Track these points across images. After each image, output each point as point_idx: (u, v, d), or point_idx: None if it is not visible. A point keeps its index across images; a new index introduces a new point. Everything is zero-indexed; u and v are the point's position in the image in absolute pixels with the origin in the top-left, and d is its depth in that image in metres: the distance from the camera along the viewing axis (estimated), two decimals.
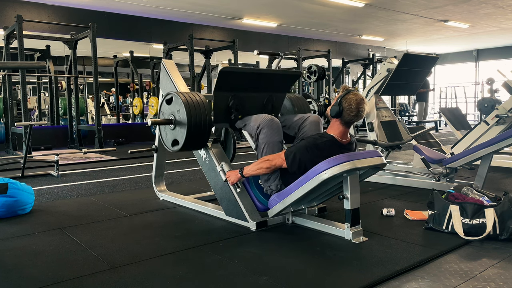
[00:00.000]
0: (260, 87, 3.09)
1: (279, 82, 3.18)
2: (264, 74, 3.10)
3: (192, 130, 2.78)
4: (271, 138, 2.77)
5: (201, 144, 2.95)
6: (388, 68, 4.31)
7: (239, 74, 2.98)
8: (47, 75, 8.88)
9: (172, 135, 2.93)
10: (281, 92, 3.25)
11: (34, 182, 4.42)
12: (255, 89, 3.07)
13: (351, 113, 2.52)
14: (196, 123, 2.79)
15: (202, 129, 2.83)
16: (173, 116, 2.88)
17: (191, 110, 2.78)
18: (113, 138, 8.64)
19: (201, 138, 2.88)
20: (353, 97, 2.52)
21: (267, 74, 3.12)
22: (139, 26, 10.29)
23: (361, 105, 2.52)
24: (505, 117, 4.72)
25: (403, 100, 15.29)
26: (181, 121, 2.82)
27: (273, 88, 3.17)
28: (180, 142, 2.85)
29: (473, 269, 2.04)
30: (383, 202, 3.41)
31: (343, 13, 10.52)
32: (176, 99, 2.86)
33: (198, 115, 2.80)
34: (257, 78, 3.07)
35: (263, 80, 3.09)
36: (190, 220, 3.01)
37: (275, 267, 2.10)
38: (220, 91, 2.90)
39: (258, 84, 3.06)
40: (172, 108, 2.89)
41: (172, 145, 2.95)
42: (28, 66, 6.54)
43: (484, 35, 14.06)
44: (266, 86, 3.12)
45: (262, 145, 2.78)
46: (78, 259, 2.25)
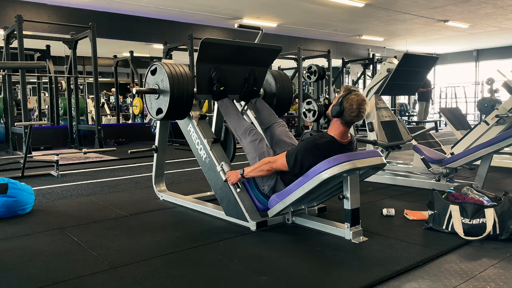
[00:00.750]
0: (242, 60, 3.17)
1: (261, 56, 3.24)
2: (245, 47, 3.13)
3: (175, 99, 2.90)
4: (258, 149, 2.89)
5: (184, 113, 3.06)
6: (388, 68, 4.31)
7: (220, 46, 3.02)
8: (47, 75, 8.87)
9: (157, 104, 3.04)
10: (263, 66, 3.31)
11: (34, 182, 4.42)
12: (237, 62, 3.14)
13: (352, 113, 2.52)
14: (179, 92, 2.91)
15: (185, 99, 2.95)
16: (157, 86, 3.00)
17: (174, 79, 2.89)
18: (113, 138, 8.64)
19: (183, 108, 3.00)
20: (355, 97, 2.52)
21: (248, 47, 3.15)
22: (139, 26, 10.28)
23: (362, 105, 2.52)
24: (505, 117, 4.72)
25: (403, 100, 15.29)
26: (164, 90, 2.93)
27: (255, 62, 3.24)
28: (164, 110, 2.96)
29: (473, 269, 2.04)
30: (383, 202, 3.41)
31: (343, 13, 10.51)
32: (160, 69, 2.97)
33: (181, 84, 2.92)
34: (238, 50, 3.10)
35: (244, 53, 3.14)
36: (190, 220, 3.01)
37: (275, 267, 2.10)
38: (202, 63, 2.98)
39: (239, 57, 3.13)
40: (156, 78, 3.00)
41: (157, 114, 3.06)
42: (28, 66, 6.54)
43: (484, 35, 14.05)
44: (248, 59, 3.19)
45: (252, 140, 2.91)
46: (78, 259, 2.25)
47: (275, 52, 3.29)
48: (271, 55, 3.30)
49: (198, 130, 3.04)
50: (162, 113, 2.98)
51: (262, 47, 3.19)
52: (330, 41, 14.24)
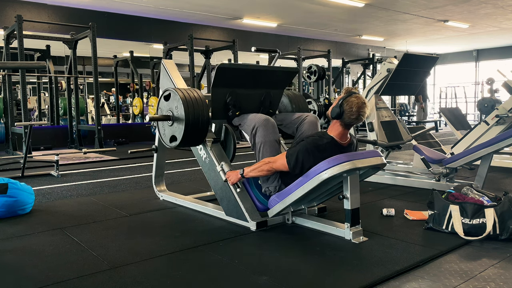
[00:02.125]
0: (258, 84, 3.11)
1: (277, 79, 3.19)
2: (262, 71, 3.11)
3: (190, 127, 2.79)
4: (266, 137, 2.78)
5: (199, 141, 2.96)
6: (388, 68, 4.31)
7: (236, 71, 2.98)
8: (47, 75, 8.88)
9: (170, 131, 2.93)
10: (279, 88, 3.26)
11: (34, 182, 4.42)
12: (253, 85, 3.08)
13: (352, 116, 2.52)
14: (194, 119, 2.79)
15: (200, 126, 2.83)
16: (171, 112, 2.89)
17: (189, 106, 2.78)
18: (113, 138, 8.64)
19: (199, 135, 2.89)
20: (355, 100, 2.52)
21: (265, 70, 3.12)
22: (139, 26, 10.28)
23: (362, 108, 2.52)
24: (505, 117, 4.72)
25: (403, 100, 15.29)
26: (179, 117, 2.82)
27: (271, 85, 3.18)
28: (178, 138, 2.86)
29: (473, 269, 2.04)
30: (383, 202, 3.41)
31: (343, 13, 10.51)
32: (174, 95, 2.87)
33: (196, 111, 2.80)
34: (255, 74, 3.07)
35: (260, 76, 3.10)
36: (190, 220, 3.01)
37: (275, 267, 2.10)
38: (218, 88, 2.91)
39: (255, 80, 3.07)
40: (170, 104, 2.90)
41: (170, 141, 2.95)
42: (28, 66, 6.54)
43: (484, 35, 14.05)
44: (263, 82, 3.13)
45: (258, 145, 2.80)
46: (78, 259, 2.25)
47: (291, 74, 3.25)
48: (286, 77, 3.24)
49: None
50: (177, 141, 2.87)
51: (277, 70, 3.16)
52: (330, 41, 14.24)
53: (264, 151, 2.78)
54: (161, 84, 3.43)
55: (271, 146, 2.80)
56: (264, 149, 2.78)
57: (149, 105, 9.48)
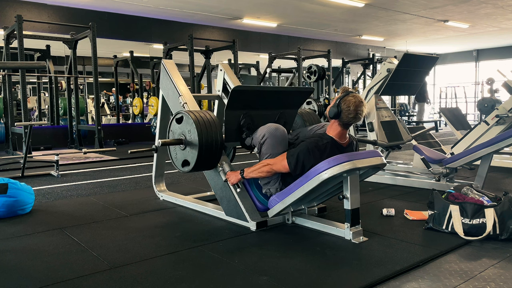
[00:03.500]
0: (272, 105, 3.02)
1: (291, 99, 3.12)
2: (276, 92, 3.03)
3: (203, 151, 2.69)
4: (274, 149, 2.71)
5: (212, 165, 2.86)
6: (388, 68, 4.31)
7: (250, 93, 2.91)
8: (47, 75, 8.88)
9: (183, 155, 2.82)
10: (293, 108, 3.18)
11: (34, 182, 4.42)
12: (267, 106, 2.99)
13: (350, 115, 2.52)
14: (208, 143, 2.68)
15: (214, 150, 2.73)
16: (184, 136, 2.79)
17: (202, 130, 2.68)
18: (113, 138, 8.64)
19: (212, 159, 2.78)
20: (352, 99, 2.52)
21: (279, 91, 3.04)
22: (139, 26, 10.29)
23: (359, 107, 2.52)
24: (505, 117, 4.72)
25: (403, 100, 15.28)
26: (192, 141, 2.72)
27: (285, 105, 3.10)
28: (191, 163, 2.75)
29: (473, 269, 2.04)
30: (383, 202, 3.41)
31: (343, 13, 10.52)
32: (187, 119, 2.76)
33: (210, 135, 2.70)
34: (269, 95, 3.00)
35: (274, 97, 3.02)
36: (190, 220, 3.01)
37: (275, 267, 2.10)
38: (232, 110, 2.82)
39: (269, 101, 2.99)
40: (183, 127, 2.80)
41: (183, 166, 2.84)
42: (28, 66, 6.54)
43: (484, 35, 14.06)
44: (277, 103, 3.05)
45: (265, 156, 2.73)
46: (78, 259, 2.25)
47: (306, 94, 3.20)
48: (301, 97, 3.18)
49: None
50: (190, 165, 2.77)
51: (292, 90, 3.11)
52: (330, 41, 14.24)
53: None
54: (161, 84, 3.42)
55: None
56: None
57: (149, 105, 9.48)
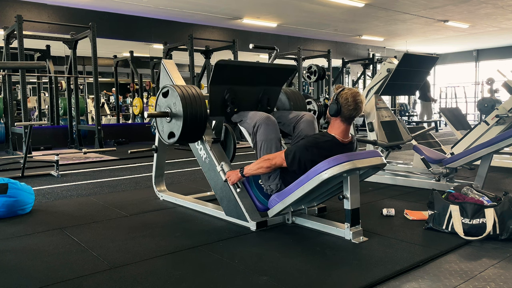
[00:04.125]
0: (256, 81, 3.12)
1: (275, 76, 3.20)
2: (260, 68, 3.11)
3: (188, 123, 2.82)
4: (268, 135, 2.78)
5: (197, 137, 2.98)
6: (388, 68, 4.31)
7: (234, 67, 2.99)
8: (47, 75, 8.88)
9: (169, 127, 2.97)
10: (277, 86, 3.27)
11: (34, 182, 4.42)
12: (251, 82, 3.09)
13: (350, 107, 2.53)
14: (192, 115, 2.83)
15: (198, 122, 2.87)
16: (169, 109, 2.92)
17: (187, 103, 2.82)
18: (113, 138, 8.64)
19: (197, 131, 2.92)
20: (348, 91, 2.55)
21: (263, 67, 3.12)
22: (139, 26, 10.29)
23: (357, 97, 2.53)
24: (505, 117, 4.72)
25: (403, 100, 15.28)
26: (177, 113, 2.86)
27: (269, 82, 3.19)
28: (176, 135, 2.89)
29: (473, 269, 2.04)
30: (383, 202, 3.41)
31: (343, 13, 10.51)
32: (172, 92, 2.90)
33: (194, 108, 2.84)
34: (253, 71, 3.08)
35: (258, 73, 3.11)
36: (190, 220, 3.01)
37: (275, 267, 2.10)
38: (216, 84, 2.92)
39: (253, 77, 3.08)
40: (169, 101, 2.93)
41: (169, 138, 2.99)
42: (28, 66, 6.54)
43: (484, 35, 14.05)
44: (261, 79, 3.14)
45: (260, 143, 2.80)
46: (78, 259, 2.25)
47: (289, 72, 3.26)
48: (284, 75, 3.25)
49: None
50: (175, 137, 2.91)
51: (276, 67, 3.16)
52: (330, 41, 14.24)
53: (265, 149, 2.78)
54: (161, 84, 3.42)
55: (273, 144, 2.80)
56: (265, 148, 2.78)
57: (149, 105, 9.48)
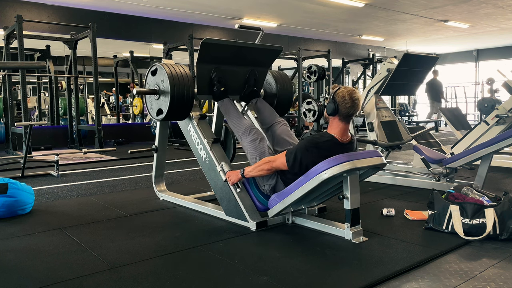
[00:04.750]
0: (243, 61, 3.18)
1: (261, 57, 3.25)
2: (246, 48, 3.14)
3: (175, 100, 2.91)
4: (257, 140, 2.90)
5: (184, 114, 3.06)
6: (388, 68, 4.31)
7: (220, 46, 3.03)
8: (47, 75, 8.87)
9: (157, 104, 3.05)
10: (264, 67, 3.33)
11: (34, 182, 4.42)
12: (238, 62, 3.15)
13: (347, 105, 2.53)
14: (179, 93, 2.91)
15: (185, 99, 2.95)
16: (158, 87, 3.00)
17: (174, 80, 2.90)
18: (113, 138, 8.64)
19: (184, 108, 3.00)
20: (344, 90, 2.56)
21: (249, 48, 3.15)
22: (139, 26, 10.28)
23: (353, 94, 2.54)
24: (505, 117, 4.71)
25: (403, 100, 15.28)
26: (164, 90, 2.94)
27: (256, 63, 3.25)
28: (164, 111, 2.97)
29: (473, 269, 2.04)
30: (383, 202, 3.41)
31: (343, 13, 10.51)
32: (160, 70, 2.97)
33: (182, 85, 2.92)
34: (239, 51, 3.11)
35: (245, 53, 3.15)
36: (190, 220, 3.01)
37: (275, 267, 2.10)
38: (203, 63, 2.99)
39: (240, 57, 3.13)
40: (157, 78, 3.01)
41: (157, 114, 3.07)
42: (28, 66, 6.53)
43: (484, 35, 14.05)
44: (248, 60, 3.20)
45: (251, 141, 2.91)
46: (78, 259, 2.25)
47: (276, 53, 3.30)
48: (271, 56, 3.30)
49: (198, 130, 3.05)
50: (163, 113, 2.99)
51: (262, 47, 3.20)
52: (330, 41, 14.23)
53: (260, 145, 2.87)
54: None
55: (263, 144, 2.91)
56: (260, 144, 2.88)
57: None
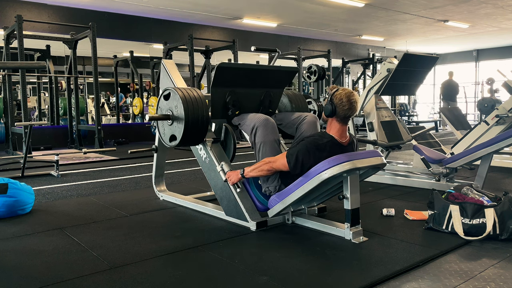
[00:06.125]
0: (258, 83, 3.11)
1: (277, 78, 3.19)
2: (261, 70, 3.11)
3: (189, 126, 2.79)
4: (266, 137, 2.79)
5: (198, 140, 2.96)
6: (388, 68, 4.30)
7: (236, 70, 2.99)
8: (47, 75, 8.88)
9: (170, 130, 2.94)
10: (279, 88, 3.26)
11: (34, 182, 4.42)
12: (253, 85, 3.08)
13: (344, 107, 2.53)
14: (194, 118, 2.80)
15: (200, 125, 2.84)
16: (171, 112, 2.89)
17: (188, 105, 2.79)
18: (113, 138, 8.64)
19: (198, 134, 2.89)
20: (342, 92, 2.56)
21: (264, 70, 3.12)
22: (139, 26, 10.29)
23: (351, 97, 2.54)
24: (505, 117, 4.71)
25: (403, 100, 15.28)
26: (178, 116, 2.83)
27: (271, 84, 3.18)
28: (178, 138, 2.86)
29: (473, 269, 2.04)
30: (383, 202, 3.41)
31: (343, 13, 10.52)
32: (173, 95, 2.87)
33: (196, 110, 2.81)
34: (254, 74, 3.08)
35: (260, 76, 3.10)
36: (190, 220, 3.01)
37: (275, 267, 2.10)
38: (217, 87, 2.92)
39: (255, 80, 3.08)
40: (170, 103, 2.91)
41: (170, 141, 2.96)
42: (28, 66, 6.54)
43: (484, 35, 14.05)
44: (263, 82, 3.13)
45: (258, 145, 2.81)
46: (78, 259, 2.25)
47: (291, 74, 3.25)
48: (286, 77, 3.24)
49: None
50: (176, 140, 2.87)
51: (277, 69, 3.15)
52: (330, 41, 14.24)
53: (264, 151, 2.79)
54: (161, 84, 3.43)
55: (271, 146, 2.81)
56: (264, 149, 2.79)
57: (149, 105, 9.48)
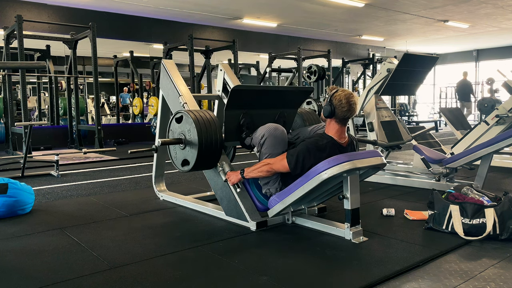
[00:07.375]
0: (272, 104, 3.02)
1: (291, 98, 3.12)
2: (276, 91, 3.04)
3: (203, 150, 2.70)
4: (274, 149, 2.71)
5: (212, 164, 2.87)
6: (388, 68, 4.30)
7: (250, 92, 2.91)
8: (47, 75, 8.88)
9: (183, 154, 2.84)
10: (293, 108, 3.18)
11: (34, 182, 4.42)
12: (266, 106, 3.00)
13: (343, 108, 2.53)
14: (207, 143, 2.70)
15: (213, 149, 2.74)
16: (183, 136, 2.80)
17: (202, 129, 2.69)
18: (113, 138, 8.64)
19: (212, 158, 2.80)
20: (341, 93, 2.55)
21: (279, 91, 3.05)
22: (139, 26, 10.29)
23: (350, 98, 2.54)
24: (505, 117, 4.71)
25: (403, 100, 15.29)
26: (191, 141, 2.73)
27: (285, 105, 3.10)
28: (191, 163, 2.76)
29: (473, 269, 2.04)
30: (383, 202, 3.41)
31: (343, 13, 10.52)
32: (186, 118, 2.78)
33: (209, 134, 2.71)
34: (268, 95, 3.01)
35: (274, 96, 3.03)
36: (190, 220, 3.01)
37: (275, 267, 2.10)
38: (231, 110, 2.82)
39: (269, 100, 3.00)
40: (182, 127, 2.82)
41: (182, 165, 2.85)
42: (28, 66, 6.54)
43: (484, 35, 14.06)
44: (277, 102, 3.05)
45: (264, 156, 2.73)
46: (78, 259, 2.25)
47: (306, 94, 3.21)
48: (301, 97, 3.19)
49: None
50: (189, 165, 2.78)
51: (292, 89, 3.11)
52: (330, 41, 14.24)
53: None
54: (161, 84, 3.42)
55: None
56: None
57: (149, 105, 9.48)
